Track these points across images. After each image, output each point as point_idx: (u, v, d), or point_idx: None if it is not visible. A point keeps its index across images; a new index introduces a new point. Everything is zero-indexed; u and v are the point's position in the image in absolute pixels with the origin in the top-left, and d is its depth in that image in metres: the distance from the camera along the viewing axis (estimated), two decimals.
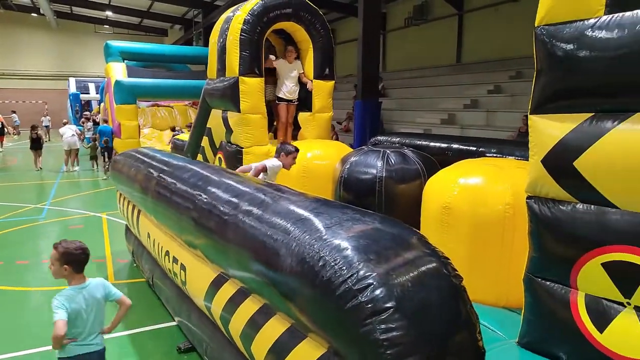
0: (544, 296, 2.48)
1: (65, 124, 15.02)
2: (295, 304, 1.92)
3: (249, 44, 5.62)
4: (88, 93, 26.04)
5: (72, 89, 25.91)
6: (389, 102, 17.87)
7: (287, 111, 6.31)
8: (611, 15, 2.08)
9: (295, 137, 6.47)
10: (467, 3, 16.13)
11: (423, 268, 1.75)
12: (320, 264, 1.75)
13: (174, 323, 4.07)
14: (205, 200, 2.78)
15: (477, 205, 3.16)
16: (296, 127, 6.56)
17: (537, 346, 2.54)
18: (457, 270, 1.85)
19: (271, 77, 6.18)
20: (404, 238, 1.90)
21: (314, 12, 6.22)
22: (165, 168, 3.75)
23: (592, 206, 2.21)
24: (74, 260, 2.47)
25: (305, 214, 2.08)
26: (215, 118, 6.46)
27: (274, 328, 2.14)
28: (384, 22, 21.56)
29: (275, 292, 2.04)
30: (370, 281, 1.63)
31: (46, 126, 25.42)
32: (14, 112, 28.47)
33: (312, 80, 6.29)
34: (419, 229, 3.52)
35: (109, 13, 29.57)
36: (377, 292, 1.60)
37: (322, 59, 6.36)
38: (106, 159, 12.43)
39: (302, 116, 6.46)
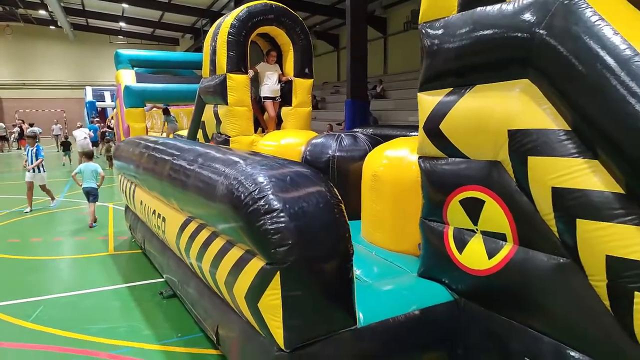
0: (430, 234, 3.19)
1: (79, 127, 16.00)
2: (225, 221, 2.66)
3: (236, 45, 6.42)
4: (104, 101, 27.24)
5: (89, 97, 27.11)
6: (388, 103, 18.53)
7: (274, 107, 7.12)
8: (461, 13, 2.79)
9: (279, 129, 7.25)
10: None
11: (311, 189, 2.47)
12: (236, 187, 2.50)
13: (162, 280, 4.85)
14: (175, 161, 3.56)
15: (398, 172, 3.87)
16: (280, 120, 7.34)
17: (429, 274, 3.23)
18: (339, 197, 2.57)
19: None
20: (306, 174, 2.62)
21: (294, 18, 7.01)
22: (153, 146, 4.55)
23: (455, 159, 2.92)
24: (84, 155, 8.21)
25: (238, 159, 2.83)
26: (208, 113, 7.28)
27: (216, 245, 2.92)
28: (385, 26, 22.30)
29: (214, 216, 2.80)
30: (268, 192, 2.37)
31: (57, 135, 25.15)
32: (32, 124, 29.53)
33: (292, 79, 7.09)
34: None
35: (122, 24, 30.88)
36: (271, 198, 2.34)
37: (302, 60, 7.15)
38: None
39: (284, 110, 7.25)
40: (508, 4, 2.50)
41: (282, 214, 2.30)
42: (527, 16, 2.38)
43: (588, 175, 2.20)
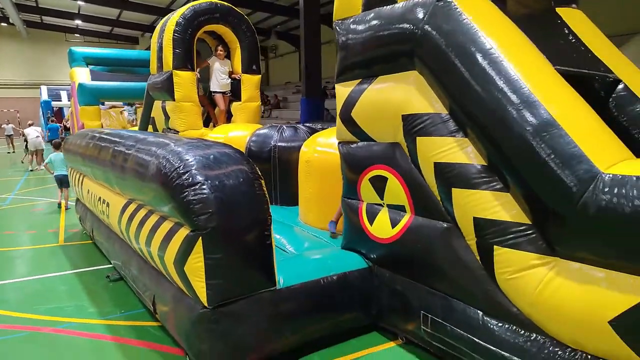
0: (349, 211, 3.57)
1: (30, 125, 15.70)
2: (157, 197, 2.95)
3: (182, 43, 6.65)
4: (60, 100, 26.61)
5: (44, 96, 26.40)
6: None
7: (224, 101, 7.41)
8: (364, 12, 3.18)
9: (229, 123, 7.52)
10: None
11: (233, 167, 2.79)
12: (164, 164, 2.80)
13: (109, 266, 5.05)
14: (116, 148, 3.81)
15: (327, 157, 4.24)
16: (230, 115, 7.62)
17: (350, 247, 3.60)
18: (259, 174, 2.89)
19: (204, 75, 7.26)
20: (229, 154, 2.92)
21: (240, 16, 7.31)
22: (98, 136, 4.75)
23: (365, 142, 3.31)
24: (52, 145, 8.41)
25: (169, 142, 3.12)
26: (157, 108, 7.47)
27: (151, 221, 3.21)
28: None
29: (148, 195, 3.08)
30: (192, 168, 2.67)
31: (9, 135, 22.85)
32: None
33: (240, 75, 7.39)
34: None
35: (78, 22, 30.17)
36: (194, 173, 2.65)
37: (249, 57, 7.45)
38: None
39: (234, 105, 7.54)
40: (399, 4, 2.91)
41: (204, 187, 2.62)
42: (412, 15, 2.79)
43: (460, 152, 2.63)
